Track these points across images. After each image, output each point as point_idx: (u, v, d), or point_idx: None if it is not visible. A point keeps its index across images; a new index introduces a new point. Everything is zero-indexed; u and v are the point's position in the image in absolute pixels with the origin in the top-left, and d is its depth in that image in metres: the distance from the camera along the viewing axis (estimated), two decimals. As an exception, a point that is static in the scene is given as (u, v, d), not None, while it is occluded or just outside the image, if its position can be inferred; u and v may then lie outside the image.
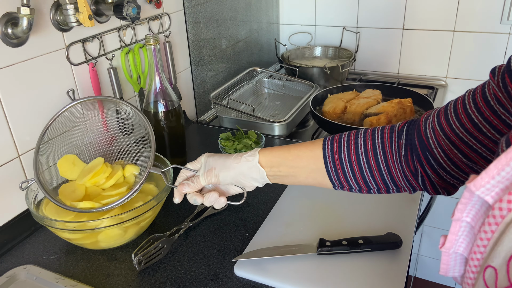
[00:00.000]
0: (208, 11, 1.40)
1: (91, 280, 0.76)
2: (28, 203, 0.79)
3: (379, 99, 1.39)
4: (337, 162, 0.65)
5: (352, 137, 0.65)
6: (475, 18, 1.53)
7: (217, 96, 1.38)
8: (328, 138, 0.67)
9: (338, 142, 0.66)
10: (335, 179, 0.65)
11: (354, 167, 0.64)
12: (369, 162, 0.63)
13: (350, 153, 0.64)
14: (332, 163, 0.65)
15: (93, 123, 0.96)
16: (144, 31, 1.14)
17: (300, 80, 1.54)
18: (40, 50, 0.87)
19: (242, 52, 1.66)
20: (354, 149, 0.64)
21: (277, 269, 0.76)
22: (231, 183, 0.70)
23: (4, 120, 0.83)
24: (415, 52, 1.68)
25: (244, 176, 0.69)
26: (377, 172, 0.63)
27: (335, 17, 1.76)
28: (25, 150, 0.88)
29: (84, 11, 0.83)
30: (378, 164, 0.62)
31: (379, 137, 0.63)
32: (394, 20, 1.66)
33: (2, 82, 0.81)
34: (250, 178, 0.69)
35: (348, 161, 0.64)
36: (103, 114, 0.95)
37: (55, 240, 0.86)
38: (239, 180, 0.69)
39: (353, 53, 1.71)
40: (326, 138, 0.67)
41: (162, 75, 1.01)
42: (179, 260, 0.80)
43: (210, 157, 0.72)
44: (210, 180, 0.70)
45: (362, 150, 0.63)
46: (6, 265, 0.81)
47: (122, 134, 0.93)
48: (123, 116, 0.91)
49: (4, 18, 0.78)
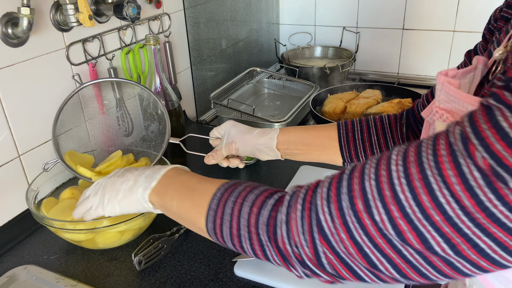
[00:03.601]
0: (208, 11, 1.40)
1: (91, 280, 0.76)
2: (28, 203, 0.79)
3: (379, 99, 1.39)
4: (350, 140, 0.74)
5: (364, 120, 0.76)
6: (475, 18, 1.53)
7: (217, 96, 1.38)
8: (342, 121, 0.77)
9: (351, 123, 0.76)
10: (347, 156, 0.74)
11: (366, 144, 0.73)
12: (379, 140, 0.73)
13: (363, 131, 0.74)
14: (346, 141, 0.74)
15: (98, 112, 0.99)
16: (144, 31, 1.14)
17: (300, 80, 1.54)
18: (40, 50, 0.87)
19: (242, 52, 1.66)
20: (366, 128, 0.74)
21: (277, 269, 0.75)
22: (247, 155, 0.83)
23: (4, 120, 0.83)
24: (415, 52, 1.68)
25: (260, 152, 0.80)
26: (385, 148, 0.72)
27: (335, 17, 1.76)
28: (25, 150, 0.88)
29: (84, 11, 0.83)
30: (386, 141, 0.73)
31: (386, 120, 0.74)
32: (394, 20, 1.66)
33: (2, 82, 0.81)
34: (265, 154, 0.80)
35: (361, 138, 0.74)
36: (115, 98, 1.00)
37: (55, 240, 0.86)
38: (255, 154, 0.81)
39: (353, 53, 1.71)
40: (339, 122, 0.77)
41: (162, 75, 1.01)
42: (179, 260, 0.80)
43: (233, 128, 0.82)
44: (231, 152, 0.81)
45: (373, 129, 0.74)
46: (6, 265, 0.81)
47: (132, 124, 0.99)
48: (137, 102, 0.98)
49: (4, 18, 0.78)
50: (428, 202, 0.34)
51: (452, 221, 0.34)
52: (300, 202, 0.44)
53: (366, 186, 0.38)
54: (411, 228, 0.36)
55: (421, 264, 0.37)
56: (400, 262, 0.38)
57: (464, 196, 0.33)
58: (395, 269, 0.39)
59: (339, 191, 0.40)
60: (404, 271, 0.38)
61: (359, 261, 0.40)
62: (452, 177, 0.33)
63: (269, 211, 0.46)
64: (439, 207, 0.34)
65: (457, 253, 0.35)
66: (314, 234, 0.41)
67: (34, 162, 0.89)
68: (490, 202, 0.32)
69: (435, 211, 0.34)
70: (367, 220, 0.38)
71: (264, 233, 0.46)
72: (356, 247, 0.39)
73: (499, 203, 0.32)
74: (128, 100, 0.98)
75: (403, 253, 0.37)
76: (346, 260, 0.41)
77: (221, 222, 0.50)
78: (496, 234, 0.33)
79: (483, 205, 0.32)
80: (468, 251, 0.35)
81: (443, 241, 0.35)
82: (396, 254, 0.38)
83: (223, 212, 0.50)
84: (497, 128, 0.31)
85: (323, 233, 0.41)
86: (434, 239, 0.35)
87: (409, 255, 0.37)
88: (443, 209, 0.34)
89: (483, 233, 0.33)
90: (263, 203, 0.47)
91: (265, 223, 0.46)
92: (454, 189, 0.33)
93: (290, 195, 0.46)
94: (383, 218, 0.37)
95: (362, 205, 0.38)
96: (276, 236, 0.45)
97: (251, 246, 0.48)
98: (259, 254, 0.48)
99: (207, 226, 0.52)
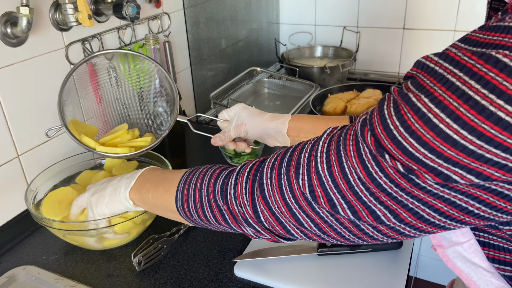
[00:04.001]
0: (208, 10, 1.40)
1: (90, 280, 0.76)
2: (27, 203, 0.79)
3: (379, 99, 1.38)
4: None
5: None
6: (476, 18, 1.53)
7: (217, 96, 1.38)
8: (354, 115, 0.76)
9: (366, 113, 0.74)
10: None
11: None
12: None
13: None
14: None
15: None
16: (143, 30, 1.14)
17: (300, 80, 1.54)
18: (39, 50, 0.87)
19: (242, 52, 1.66)
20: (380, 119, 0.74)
21: (277, 270, 0.75)
22: (256, 138, 0.81)
23: (3, 120, 0.82)
24: (416, 52, 1.68)
25: (269, 137, 0.78)
26: None
27: (335, 16, 1.76)
28: (24, 150, 0.87)
29: (83, 11, 0.83)
30: None
31: None
32: (395, 19, 1.66)
33: (1, 82, 0.81)
34: (274, 140, 0.78)
35: None
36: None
37: (54, 241, 0.86)
38: (264, 139, 0.79)
39: (353, 53, 1.71)
40: (351, 115, 0.76)
41: (162, 75, 1.01)
42: (179, 260, 0.80)
43: (243, 110, 0.79)
44: (239, 134, 0.80)
45: None
46: (5, 265, 0.80)
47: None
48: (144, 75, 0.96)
49: (4, 18, 0.78)
50: (338, 173, 0.41)
51: (354, 189, 0.40)
52: (247, 170, 0.51)
53: (301, 157, 0.45)
54: (324, 194, 0.42)
55: (335, 224, 0.44)
56: (320, 222, 0.45)
57: (359, 168, 0.39)
58: (317, 227, 0.45)
59: (282, 160, 0.48)
60: (324, 229, 0.45)
61: (289, 219, 0.47)
62: (352, 151, 0.40)
63: (223, 178, 0.54)
64: (344, 177, 0.41)
65: (358, 219, 0.42)
66: (255, 195, 0.49)
67: (33, 162, 0.89)
68: (376, 173, 0.38)
69: (342, 180, 0.41)
70: (295, 184, 0.45)
71: (219, 198, 0.53)
72: (286, 207, 0.46)
73: (382, 174, 0.38)
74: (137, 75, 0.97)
75: (321, 215, 0.44)
76: (280, 219, 0.47)
77: (187, 198, 0.57)
78: (387, 203, 0.39)
79: (372, 176, 0.39)
80: (367, 217, 0.41)
81: (347, 207, 0.41)
82: (315, 214, 0.44)
83: (188, 189, 0.57)
84: (381, 115, 0.38)
85: (263, 194, 0.48)
86: (340, 205, 0.42)
87: (325, 216, 0.44)
88: (347, 178, 0.40)
89: (376, 201, 0.39)
90: (219, 174, 0.55)
91: (220, 189, 0.54)
92: (352, 161, 0.40)
93: (241, 165, 0.54)
94: (305, 183, 0.44)
95: (293, 172, 0.45)
96: (227, 199, 0.52)
97: (212, 213, 0.55)
98: (219, 219, 0.55)
99: (177, 205, 0.59)
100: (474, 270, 0.50)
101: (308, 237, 0.48)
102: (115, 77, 0.97)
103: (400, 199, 0.38)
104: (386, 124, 0.37)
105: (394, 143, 0.36)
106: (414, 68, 0.39)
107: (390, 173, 0.37)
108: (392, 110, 0.37)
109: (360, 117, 0.42)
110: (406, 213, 0.39)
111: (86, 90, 0.93)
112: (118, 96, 0.96)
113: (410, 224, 0.40)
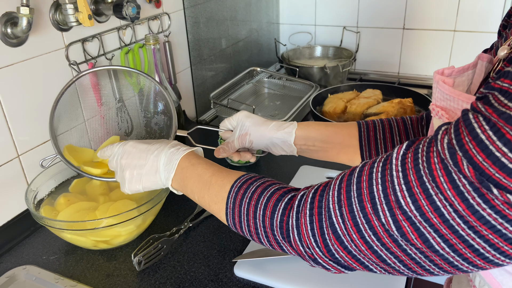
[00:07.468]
0: (208, 11, 1.40)
1: (90, 280, 0.76)
2: (27, 203, 0.79)
3: (379, 99, 1.38)
4: (371, 139, 0.71)
5: (386, 120, 0.73)
6: (476, 18, 1.53)
7: (217, 96, 1.38)
8: (362, 121, 0.74)
9: (372, 123, 0.73)
10: (366, 155, 0.71)
11: (388, 144, 0.70)
12: (401, 141, 0.70)
13: (385, 131, 0.71)
14: (367, 140, 0.71)
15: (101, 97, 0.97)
16: (143, 31, 1.14)
17: (300, 80, 1.54)
18: (39, 50, 0.87)
19: (242, 52, 1.66)
20: (388, 128, 0.71)
21: (277, 270, 0.75)
22: (261, 148, 0.77)
23: (3, 120, 0.82)
24: (416, 52, 1.68)
25: (275, 147, 0.75)
26: None
27: (335, 16, 1.76)
28: (24, 150, 0.88)
29: (83, 11, 0.83)
30: (408, 138, 0.71)
31: (408, 121, 0.72)
32: (395, 20, 1.66)
33: (1, 82, 0.81)
34: (280, 149, 0.75)
35: (383, 138, 0.71)
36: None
37: (54, 240, 0.86)
38: (270, 148, 0.75)
39: (353, 53, 1.71)
40: (359, 121, 0.74)
41: (161, 75, 1.01)
42: (179, 260, 0.80)
43: (246, 119, 0.75)
44: (244, 144, 0.75)
45: (396, 129, 0.71)
46: (5, 265, 0.80)
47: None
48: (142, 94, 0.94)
49: (4, 18, 0.78)
50: (427, 206, 0.37)
51: (449, 223, 0.37)
52: (308, 207, 0.47)
53: (374, 190, 0.42)
54: (413, 230, 0.39)
55: (424, 261, 0.40)
56: (406, 259, 0.41)
57: (456, 201, 0.36)
58: (402, 264, 0.42)
59: (350, 195, 0.44)
60: (410, 266, 0.42)
61: (370, 257, 0.43)
62: (444, 183, 0.36)
63: (280, 215, 0.50)
64: (436, 211, 0.37)
65: (455, 251, 0.38)
66: (325, 235, 0.45)
67: (34, 162, 0.89)
68: (479, 205, 0.35)
69: (433, 214, 0.37)
70: (375, 221, 0.41)
71: (279, 234, 0.50)
72: (366, 245, 0.43)
73: (486, 206, 0.35)
74: (131, 91, 0.96)
75: (408, 252, 0.40)
76: (358, 257, 0.44)
77: (239, 220, 0.55)
78: (487, 236, 0.36)
79: (473, 208, 0.35)
80: (464, 250, 0.37)
81: (442, 241, 0.38)
82: (402, 252, 0.41)
83: (239, 213, 0.54)
84: (477, 141, 0.34)
85: (336, 235, 0.44)
86: (434, 239, 0.38)
87: (413, 254, 0.40)
88: (440, 212, 0.37)
89: (476, 235, 0.36)
90: (274, 207, 0.51)
91: (279, 226, 0.50)
92: (447, 194, 0.36)
93: (298, 199, 0.49)
94: (389, 220, 0.40)
95: (370, 209, 0.41)
96: (290, 238, 0.49)
97: (269, 243, 0.52)
98: (277, 248, 0.52)
99: (228, 222, 0.57)
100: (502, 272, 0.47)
101: (389, 273, 0.45)
102: (106, 95, 0.96)
103: (504, 231, 0.35)
104: (489, 151, 0.33)
105: (504, 172, 0.33)
106: (507, 80, 0.34)
107: (497, 204, 0.34)
108: (491, 133, 0.33)
109: (442, 140, 0.38)
110: (508, 246, 0.36)
111: (77, 111, 0.91)
112: (112, 115, 0.95)
113: (510, 256, 0.37)
